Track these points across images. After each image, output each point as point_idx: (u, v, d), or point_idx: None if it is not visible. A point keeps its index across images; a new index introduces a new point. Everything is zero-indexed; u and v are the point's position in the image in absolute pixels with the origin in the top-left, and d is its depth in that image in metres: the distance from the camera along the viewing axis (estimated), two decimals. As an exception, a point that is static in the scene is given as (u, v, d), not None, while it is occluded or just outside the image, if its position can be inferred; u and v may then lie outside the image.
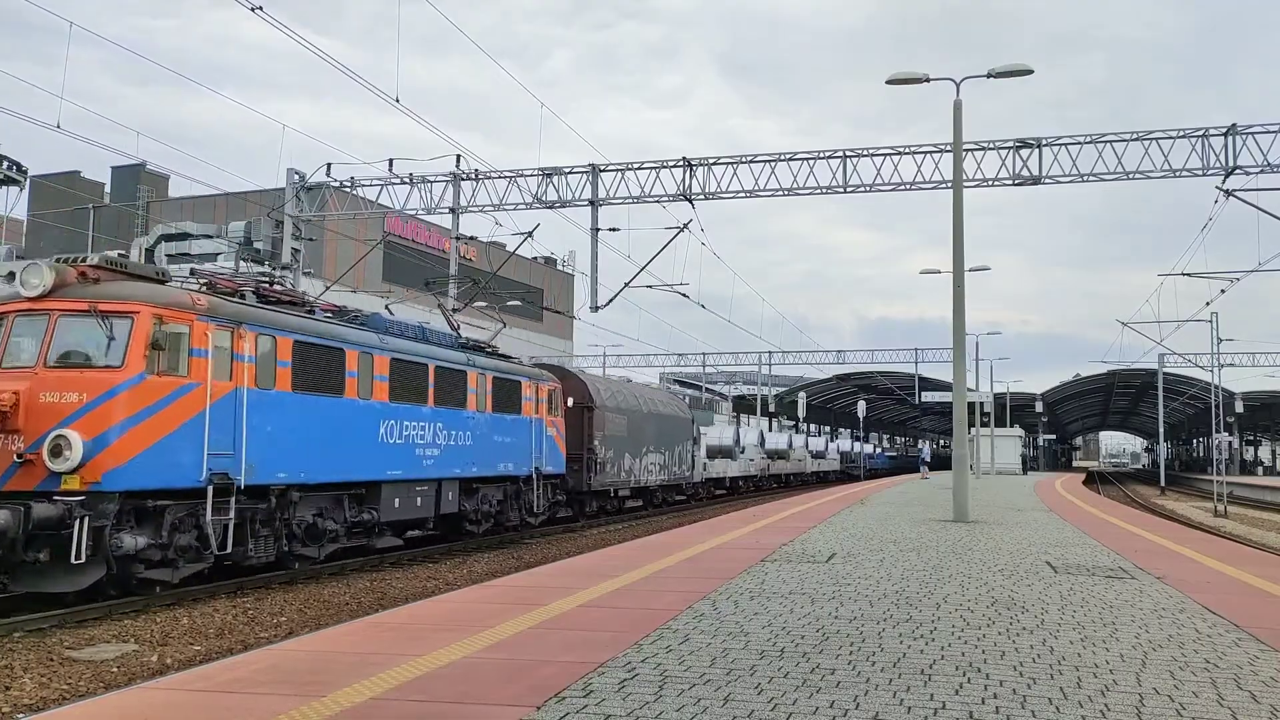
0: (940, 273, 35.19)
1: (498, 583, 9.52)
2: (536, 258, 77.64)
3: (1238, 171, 21.68)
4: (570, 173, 24.87)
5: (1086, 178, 22.50)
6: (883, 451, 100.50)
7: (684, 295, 30.09)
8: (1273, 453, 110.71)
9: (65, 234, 66.54)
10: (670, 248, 25.55)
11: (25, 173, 28.39)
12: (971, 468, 46.82)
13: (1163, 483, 69.91)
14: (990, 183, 22.88)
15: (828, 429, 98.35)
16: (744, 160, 24.26)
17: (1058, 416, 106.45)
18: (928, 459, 53.98)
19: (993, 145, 22.90)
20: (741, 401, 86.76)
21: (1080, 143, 22.57)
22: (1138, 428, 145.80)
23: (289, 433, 13.41)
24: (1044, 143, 22.67)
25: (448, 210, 25.24)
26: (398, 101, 21.30)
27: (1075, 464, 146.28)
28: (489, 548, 20.12)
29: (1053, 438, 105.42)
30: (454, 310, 25.29)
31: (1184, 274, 32.34)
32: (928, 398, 72.41)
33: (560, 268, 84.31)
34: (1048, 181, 22.60)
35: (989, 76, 17.98)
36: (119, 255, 15.50)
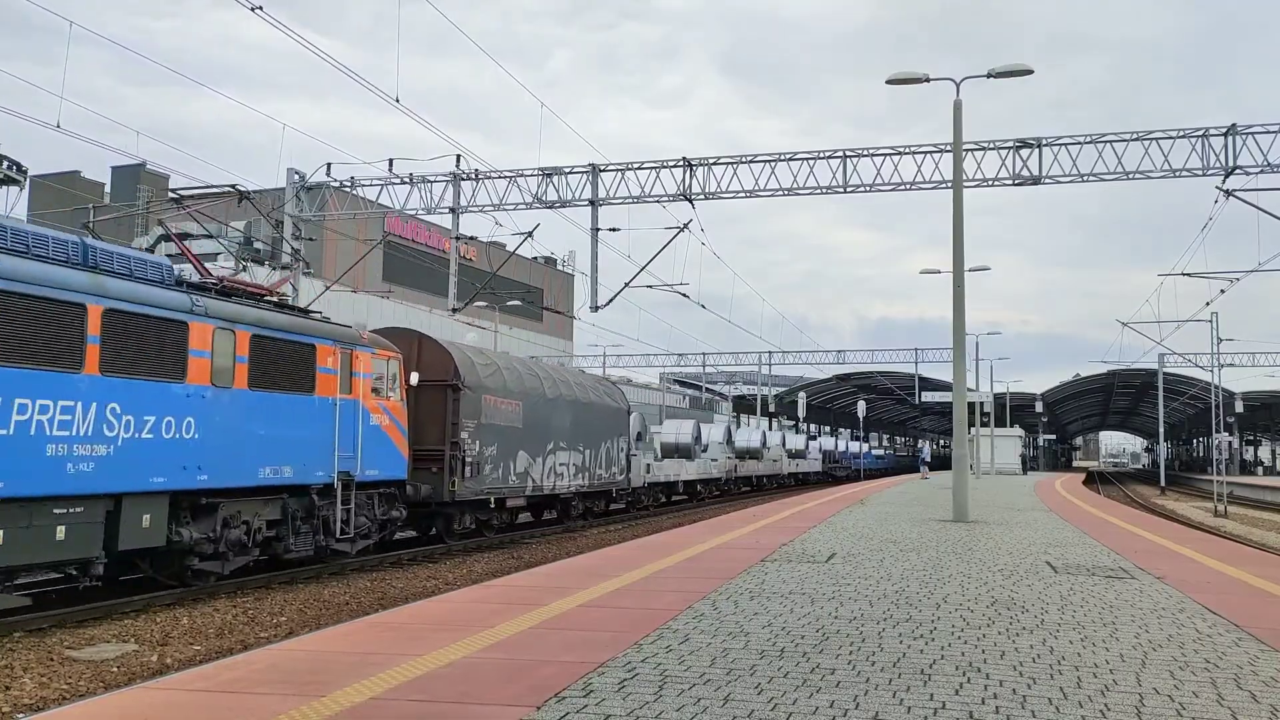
0: (940, 273, 35.22)
1: (497, 583, 9.51)
2: (536, 258, 77.69)
3: (1238, 171, 21.67)
4: (570, 173, 24.88)
5: (1086, 178, 22.50)
6: (870, 450, 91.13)
7: (684, 295, 30.12)
8: (1273, 453, 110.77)
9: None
10: (670, 248, 25.60)
11: (25, 172, 28.39)
12: (971, 468, 46.88)
13: (1163, 483, 69.93)
14: (990, 183, 22.88)
15: (814, 426, 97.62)
16: (744, 160, 24.26)
17: (1058, 416, 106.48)
18: (928, 459, 53.93)
19: (993, 145, 22.91)
20: (741, 401, 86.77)
21: (1080, 143, 22.57)
22: (1138, 428, 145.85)
23: None
24: (1044, 143, 22.67)
25: (448, 210, 25.24)
26: (398, 101, 21.31)
27: (1075, 464, 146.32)
28: (489, 548, 20.12)
29: (1053, 438, 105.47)
30: (454, 310, 25.24)
31: (1184, 274, 32.36)
32: (928, 398, 72.42)
33: (560, 268, 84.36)
34: (1048, 181, 22.60)
35: (989, 76, 17.98)
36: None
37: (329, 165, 25.44)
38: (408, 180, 25.24)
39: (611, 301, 25.76)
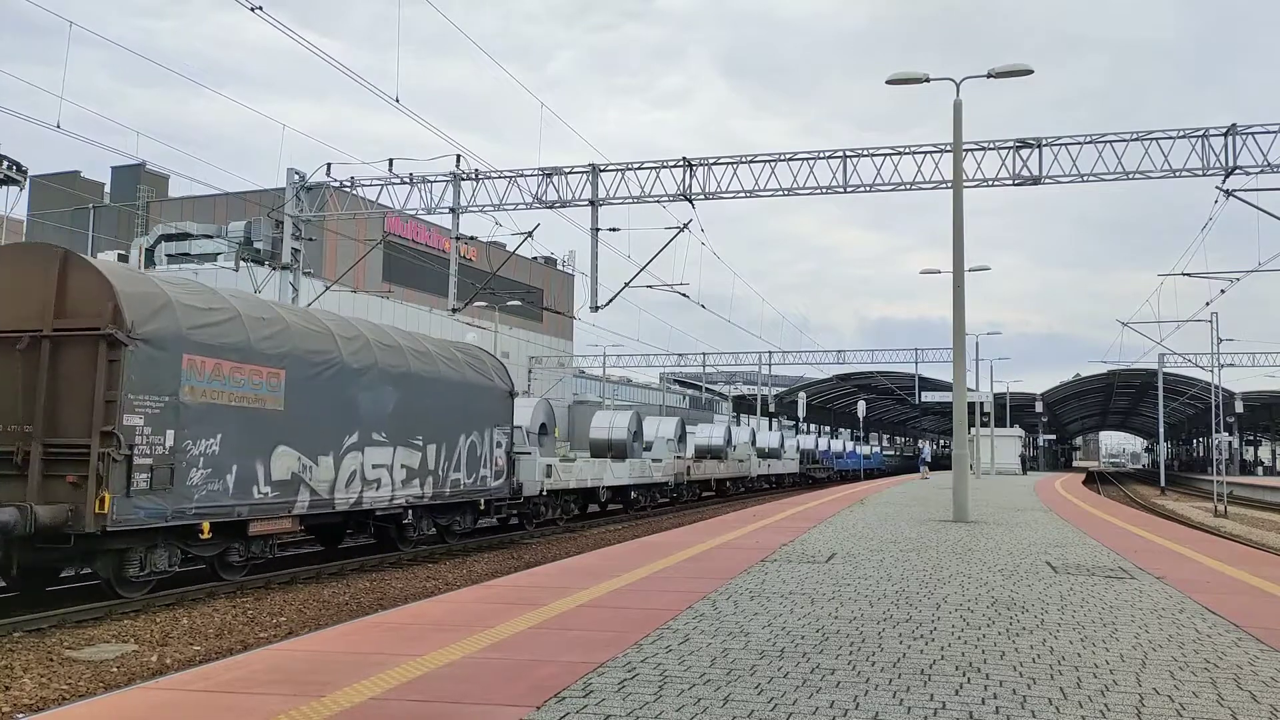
0: (940, 273, 35.22)
1: (497, 583, 9.51)
2: (537, 258, 77.71)
3: (1238, 171, 21.67)
4: (570, 173, 24.87)
5: (1086, 178, 22.50)
6: (854, 449, 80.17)
7: (684, 295, 30.10)
8: (1273, 453, 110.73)
9: (65, 234, 66.57)
10: (670, 248, 25.56)
11: (25, 173, 28.37)
12: (971, 468, 46.86)
13: (1163, 483, 69.93)
14: (990, 183, 22.87)
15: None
16: (744, 160, 24.26)
17: (1058, 416, 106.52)
18: (928, 459, 53.88)
19: (993, 145, 22.90)
20: (742, 401, 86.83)
21: (1080, 143, 22.57)
22: (1138, 428, 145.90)
23: None
24: (1044, 143, 22.67)
25: (448, 210, 25.23)
26: (398, 101, 21.30)
27: (1075, 464, 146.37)
28: (489, 548, 20.12)
29: (1053, 438, 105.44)
30: (454, 310, 25.24)
31: (1184, 274, 32.36)
32: (928, 398, 72.47)
33: (560, 268, 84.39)
34: (1047, 181, 22.60)
35: (989, 76, 17.98)
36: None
37: (329, 165, 25.45)
38: (408, 180, 25.24)
39: (611, 301, 25.77)
